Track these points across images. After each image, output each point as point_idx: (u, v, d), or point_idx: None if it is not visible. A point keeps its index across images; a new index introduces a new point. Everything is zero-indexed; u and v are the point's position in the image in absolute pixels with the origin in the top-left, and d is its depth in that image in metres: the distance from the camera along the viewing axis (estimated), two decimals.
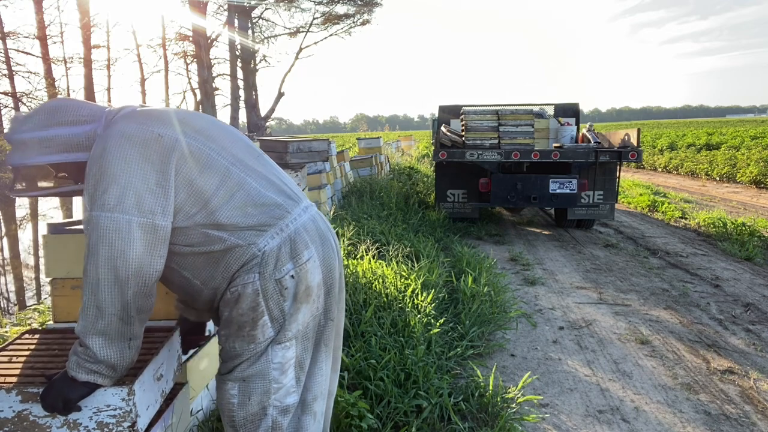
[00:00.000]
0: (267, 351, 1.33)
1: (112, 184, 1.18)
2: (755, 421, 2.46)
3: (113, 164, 1.19)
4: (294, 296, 1.32)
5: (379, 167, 10.41)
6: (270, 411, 1.35)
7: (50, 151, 1.29)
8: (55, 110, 1.31)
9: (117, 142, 1.22)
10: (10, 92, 16.05)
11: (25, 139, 1.28)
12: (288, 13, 21.94)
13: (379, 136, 13.93)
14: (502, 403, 2.48)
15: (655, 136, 28.61)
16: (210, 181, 1.27)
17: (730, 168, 12.89)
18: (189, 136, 1.29)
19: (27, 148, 1.28)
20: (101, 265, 1.16)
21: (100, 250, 1.16)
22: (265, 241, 1.30)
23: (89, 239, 1.18)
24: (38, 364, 1.48)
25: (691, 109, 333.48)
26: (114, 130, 1.25)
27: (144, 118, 1.29)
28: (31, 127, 1.28)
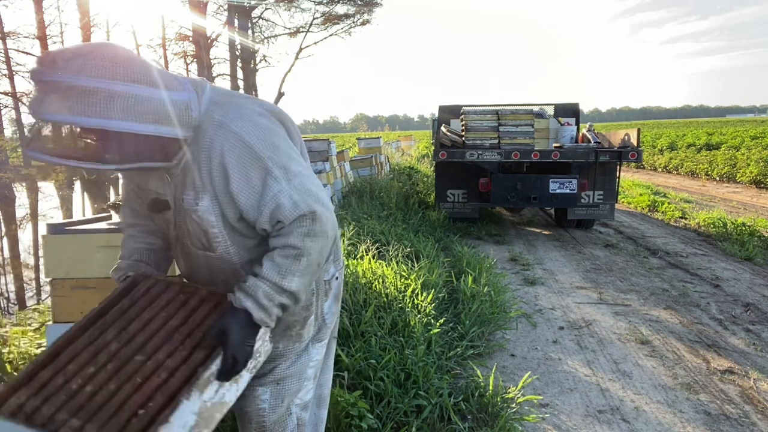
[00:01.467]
0: (308, 349, 1.38)
1: (291, 152, 1.20)
2: (755, 421, 2.46)
3: (278, 137, 1.19)
4: (335, 296, 1.42)
5: (379, 167, 10.40)
6: (294, 410, 1.39)
7: (137, 117, 1.01)
8: (123, 61, 1.01)
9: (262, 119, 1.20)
10: (10, 92, 16.05)
11: (93, 87, 0.97)
12: (288, 13, 21.94)
13: (379, 136, 13.93)
14: (502, 403, 2.48)
15: (655, 136, 28.61)
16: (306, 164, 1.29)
17: (730, 168, 12.88)
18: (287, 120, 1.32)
19: (98, 103, 0.97)
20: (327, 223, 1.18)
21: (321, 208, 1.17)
22: None
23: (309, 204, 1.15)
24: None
25: (691, 109, 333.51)
26: (246, 110, 1.18)
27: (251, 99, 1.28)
28: (98, 75, 0.97)
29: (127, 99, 1.00)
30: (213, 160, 1.13)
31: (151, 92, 1.03)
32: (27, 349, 2.48)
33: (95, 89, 0.97)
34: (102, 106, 0.97)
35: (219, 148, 1.12)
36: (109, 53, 1.00)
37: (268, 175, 1.14)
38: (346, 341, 2.77)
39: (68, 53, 0.98)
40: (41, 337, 2.64)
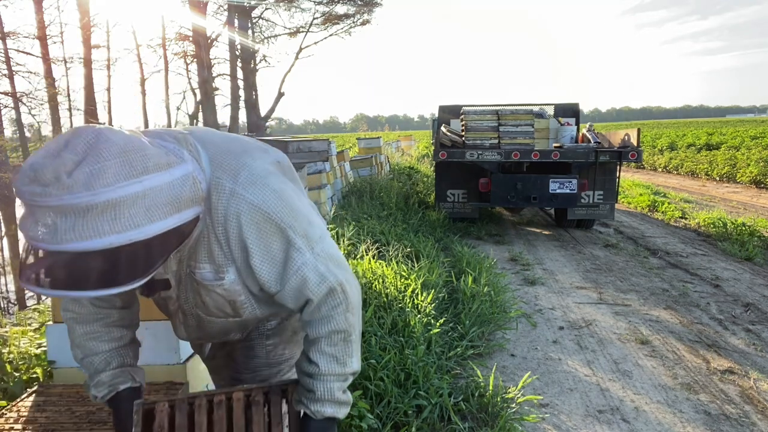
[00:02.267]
0: None
1: (309, 215, 1.12)
2: (755, 421, 2.46)
3: (293, 199, 1.09)
4: None
5: (379, 167, 10.41)
6: None
7: (156, 214, 0.88)
8: (125, 152, 0.86)
9: (274, 180, 1.08)
10: (10, 92, 16.05)
11: (115, 199, 0.83)
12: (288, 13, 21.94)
13: (379, 136, 13.93)
14: (502, 403, 2.48)
15: (655, 136, 28.62)
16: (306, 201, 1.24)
17: (730, 168, 12.89)
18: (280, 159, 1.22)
19: (120, 215, 0.84)
20: (353, 288, 1.14)
21: (347, 274, 1.14)
22: None
23: (336, 275, 1.10)
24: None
25: (691, 109, 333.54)
26: (255, 171, 1.06)
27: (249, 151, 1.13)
28: (114, 181, 0.83)
29: (145, 197, 0.87)
30: (231, 234, 1.04)
31: (160, 178, 0.90)
32: (27, 349, 2.48)
33: (118, 200, 0.83)
34: (127, 217, 0.84)
35: (235, 220, 1.03)
36: (109, 147, 0.85)
37: (290, 246, 1.06)
38: None
39: (67, 162, 0.81)
40: (41, 337, 2.64)
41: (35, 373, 2.27)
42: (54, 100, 16.99)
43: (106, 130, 0.89)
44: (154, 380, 1.85)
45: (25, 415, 1.58)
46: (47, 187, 0.80)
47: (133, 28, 32.06)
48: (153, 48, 23.48)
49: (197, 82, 17.78)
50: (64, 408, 1.62)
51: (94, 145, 0.84)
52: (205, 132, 1.14)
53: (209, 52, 16.43)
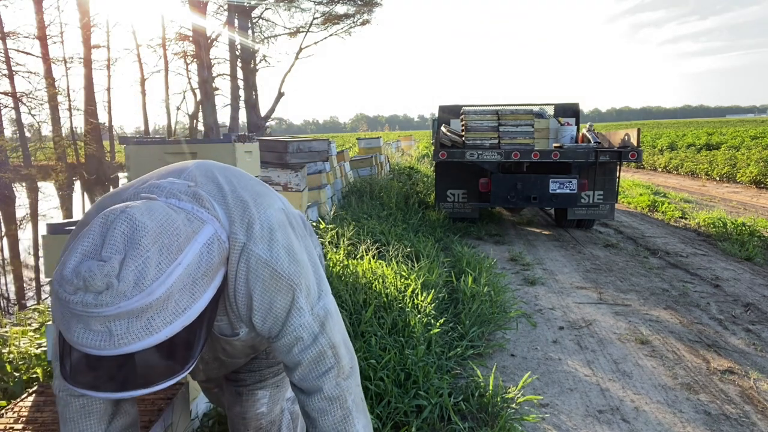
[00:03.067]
0: None
1: (312, 270, 1.10)
2: (755, 421, 2.46)
3: (300, 252, 1.08)
4: None
5: (379, 167, 10.41)
6: (285, 405, 1.42)
7: (198, 292, 0.88)
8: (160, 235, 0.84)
9: (281, 233, 1.06)
10: (10, 92, 16.05)
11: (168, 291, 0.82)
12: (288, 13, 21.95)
13: (379, 136, 13.93)
14: (502, 403, 2.48)
15: (655, 136, 28.61)
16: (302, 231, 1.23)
17: (730, 168, 12.89)
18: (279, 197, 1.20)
19: (171, 303, 0.83)
20: (343, 350, 1.12)
21: (342, 337, 1.12)
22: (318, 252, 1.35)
23: (330, 337, 1.08)
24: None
25: (691, 109, 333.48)
26: (264, 223, 1.04)
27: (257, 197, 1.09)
28: (162, 268, 0.82)
29: (186, 278, 0.85)
30: (238, 289, 1.02)
31: (192, 250, 0.89)
32: (27, 349, 2.47)
33: (169, 292, 0.82)
34: (174, 304, 0.83)
35: (244, 276, 1.01)
36: (146, 235, 0.82)
37: (293, 305, 1.05)
38: None
39: (114, 263, 0.79)
40: (41, 337, 2.64)
41: (35, 373, 2.27)
42: (54, 100, 16.99)
43: (136, 214, 0.85)
44: None
45: (25, 415, 1.58)
46: (100, 294, 0.77)
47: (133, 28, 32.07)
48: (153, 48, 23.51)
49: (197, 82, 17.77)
50: None
51: (132, 236, 0.81)
52: (209, 176, 1.09)
53: (209, 52, 16.43)
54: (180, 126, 25.83)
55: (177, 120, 25.10)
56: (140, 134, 25.79)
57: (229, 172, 1.15)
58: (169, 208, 0.91)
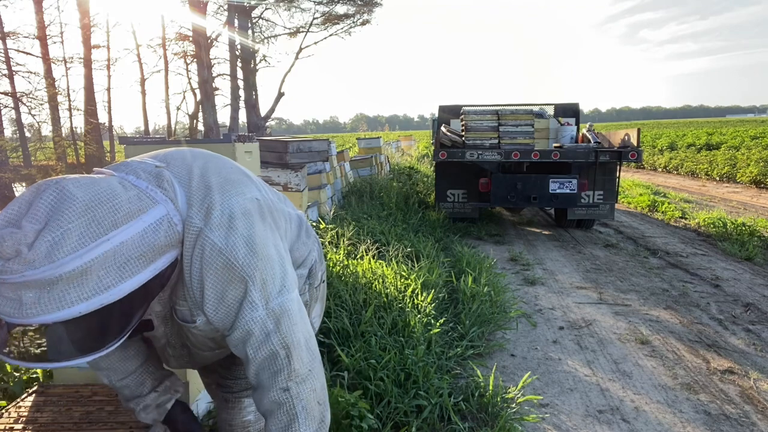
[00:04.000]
0: None
1: (274, 265, 1.03)
2: (755, 421, 2.46)
3: (262, 245, 1.02)
4: (321, 299, 1.36)
5: (379, 167, 10.41)
6: None
7: (129, 270, 0.85)
8: (89, 208, 0.82)
9: (243, 222, 1.01)
10: (10, 92, 16.05)
11: (84, 265, 0.79)
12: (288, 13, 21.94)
13: (379, 136, 13.93)
14: (502, 403, 2.48)
15: (655, 136, 28.61)
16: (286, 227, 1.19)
17: (730, 168, 12.89)
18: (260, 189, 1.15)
19: (91, 278, 0.80)
20: (304, 353, 1.05)
21: (300, 339, 1.04)
22: (312, 256, 1.29)
23: (281, 336, 1.02)
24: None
25: (691, 109, 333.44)
26: (225, 211, 1.00)
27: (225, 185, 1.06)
28: (79, 244, 0.79)
29: (116, 255, 0.82)
30: (193, 276, 0.98)
31: (133, 228, 0.86)
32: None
33: (85, 266, 0.79)
34: (95, 281, 0.80)
35: (198, 262, 0.97)
36: (72, 207, 0.80)
37: (245, 298, 1.00)
38: (346, 341, 2.77)
39: (28, 232, 0.77)
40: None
41: (35, 373, 2.27)
42: (54, 100, 16.99)
43: (70, 185, 0.82)
44: None
45: (25, 415, 1.58)
46: (8, 262, 0.75)
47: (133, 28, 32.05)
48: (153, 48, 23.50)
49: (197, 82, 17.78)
50: (64, 408, 1.62)
51: (56, 207, 0.79)
52: (185, 160, 1.07)
53: (209, 52, 16.44)
54: (180, 126, 25.84)
55: (177, 120, 25.10)
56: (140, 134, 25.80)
57: (212, 159, 1.12)
58: (120, 184, 0.89)
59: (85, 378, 1.88)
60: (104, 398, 1.69)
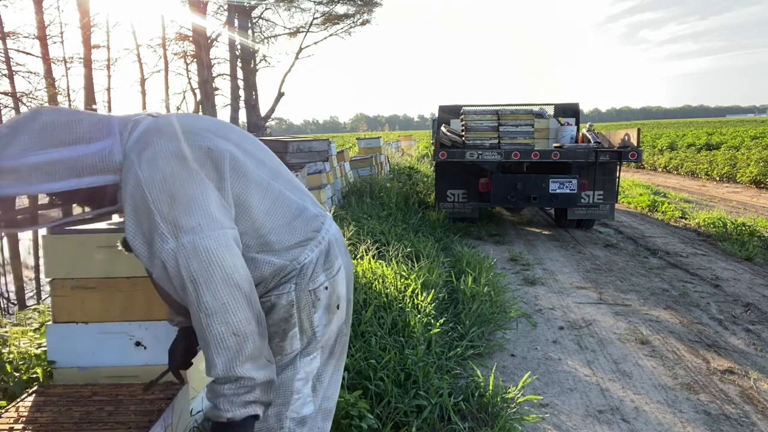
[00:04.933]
0: (294, 362, 1.29)
1: (192, 204, 1.08)
2: (755, 421, 2.46)
3: (184, 185, 1.09)
4: (326, 307, 1.30)
5: (379, 167, 10.41)
6: (286, 423, 1.31)
7: (55, 177, 1.08)
8: (45, 129, 1.08)
9: (172, 163, 1.10)
10: (10, 92, 16.05)
11: (16, 165, 1.05)
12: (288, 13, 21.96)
13: (379, 136, 13.94)
14: (502, 403, 2.48)
15: (655, 136, 28.62)
16: (257, 198, 1.19)
17: (730, 168, 12.89)
18: (233, 148, 1.20)
19: (21, 176, 1.06)
20: (220, 287, 1.09)
21: (214, 274, 1.08)
22: (306, 254, 1.27)
23: (190, 270, 1.07)
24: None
25: (691, 109, 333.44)
26: (158, 151, 1.11)
27: (184, 133, 1.16)
28: (20, 152, 1.05)
29: (45, 165, 1.07)
30: (126, 204, 1.11)
31: (67, 151, 1.10)
32: (27, 349, 2.47)
33: (16, 166, 1.06)
34: (25, 177, 1.07)
35: (127, 190, 1.10)
36: (32, 124, 1.09)
37: (155, 231, 1.07)
38: None
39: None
40: (41, 337, 2.64)
41: (35, 373, 2.27)
42: (54, 100, 16.99)
43: (47, 110, 1.12)
44: None
45: (25, 415, 1.58)
46: None
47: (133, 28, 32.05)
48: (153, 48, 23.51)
49: (197, 82, 17.78)
50: (64, 408, 1.62)
51: (21, 122, 1.09)
52: (179, 115, 1.24)
53: (209, 52, 16.44)
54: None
55: None
56: None
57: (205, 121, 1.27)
58: (99, 121, 1.15)
59: (85, 378, 1.88)
60: (104, 398, 1.69)
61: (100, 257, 1.86)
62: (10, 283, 6.59)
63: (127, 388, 1.74)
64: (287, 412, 1.30)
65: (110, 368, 1.88)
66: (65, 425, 1.53)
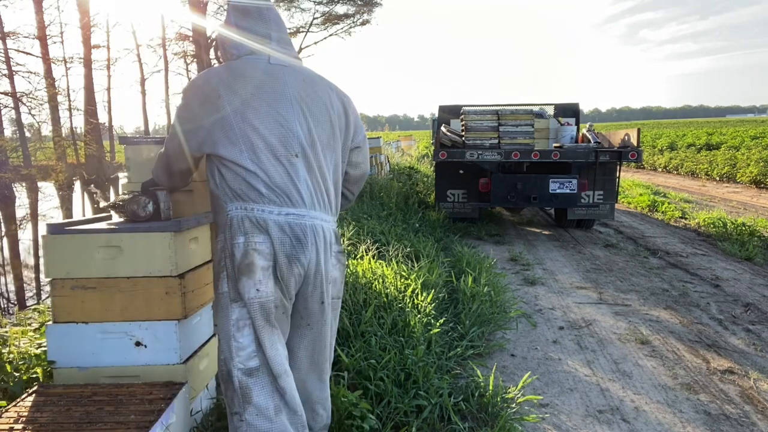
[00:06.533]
0: (227, 306, 1.54)
1: (184, 104, 1.63)
2: (755, 421, 2.46)
3: (188, 91, 1.66)
4: (238, 266, 1.51)
5: (379, 167, 10.39)
6: (235, 373, 1.51)
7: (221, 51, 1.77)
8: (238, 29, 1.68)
9: (197, 80, 1.66)
10: (10, 92, 16.04)
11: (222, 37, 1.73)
12: (288, 13, 21.99)
13: (379, 136, 13.93)
14: (502, 403, 2.48)
15: (655, 136, 28.62)
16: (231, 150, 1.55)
17: (730, 168, 12.89)
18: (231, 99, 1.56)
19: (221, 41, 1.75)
20: (169, 144, 1.71)
21: (171, 138, 1.68)
22: (231, 208, 1.56)
23: (172, 127, 1.66)
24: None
25: (691, 109, 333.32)
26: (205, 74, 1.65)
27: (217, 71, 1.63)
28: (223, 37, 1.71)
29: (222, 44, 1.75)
30: None
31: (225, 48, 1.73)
32: (27, 349, 2.47)
33: None
34: None
35: None
36: None
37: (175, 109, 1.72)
38: (346, 341, 2.77)
39: None
40: (41, 337, 2.64)
41: (35, 373, 2.27)
42: (54, 100, 16.98)
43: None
44: (154, 380, 1.85)
45: (25, 415, 1.58)
46: None
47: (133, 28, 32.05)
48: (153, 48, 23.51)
49: None
50: (63, 408, 1.62)
51: None
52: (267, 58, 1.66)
53: (209, 52, 16.43)
54: None
55: None
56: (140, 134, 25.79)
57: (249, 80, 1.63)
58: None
59: (85, 378, 1.88)
60: (104, 398, 1.69)
61: (100, 257, 1.86)
62: (10, 283, 6.58)
63: (127, 388, 1.74)
64: (233, 362, 1.51)
65: (110, 368, 1.88)
66: (65, 425, 1.53)
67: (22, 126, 18.62)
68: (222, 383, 1.56)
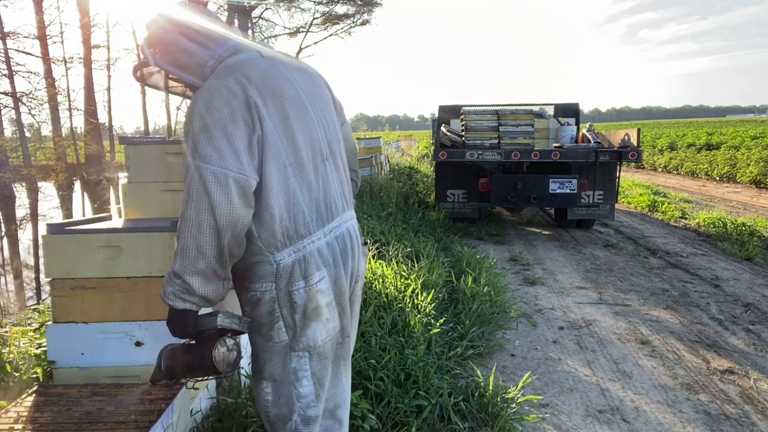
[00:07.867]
0: (286, 355, 1.38)
1: (214, 137, 1.23)
2: (755, 421, 2.46)
3: (215, 119, 1.24)
4: (303, 312, 1.35)
5: (379, 167, 10.40)
6: (294, 417, 1.41)
7: (169, 60, 1.37)
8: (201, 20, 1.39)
9: (219, 96, 1.26)
10: (10, 92, 16.03)
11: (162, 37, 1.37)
12: (288, 13, 21.96)
13: (379, 136, 13.93)
14: (502, 403, 2.48)
15: (655, 136, 28.63)
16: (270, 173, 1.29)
17: (730, 168, 12.89)
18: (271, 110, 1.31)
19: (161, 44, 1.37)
20: (203, 211, 1.22)
21: (202, 198, 1.22)
22: (282, 257, 1.33)
23: (190, 185, 1.23)
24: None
25: (691, 109, 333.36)
26: (220, 83, 1.28)
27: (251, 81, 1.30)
28: (175, 29, 1.36)
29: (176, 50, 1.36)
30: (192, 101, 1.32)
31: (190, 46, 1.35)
32: (27, 349, 2.47)
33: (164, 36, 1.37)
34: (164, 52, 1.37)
35: (195, 96, 1.30)
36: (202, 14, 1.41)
37: (186, 137, 1.27)
38: None
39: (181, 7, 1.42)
40: (41, 338, 2.64)
41: (35, 373, 2.27)
42: (54, 100, 16.98)
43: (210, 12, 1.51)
44: None
45: (25, 415, 1.58)
46: None
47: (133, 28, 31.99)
48: None
49: None
50: (64, 408, 1.62)
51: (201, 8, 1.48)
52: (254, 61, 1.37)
53: None
54: (180, 126, 25.83)
55: (177, 120, 25.10)
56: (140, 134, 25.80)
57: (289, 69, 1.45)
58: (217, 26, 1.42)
59: (85, 378, 1.88)
60: (104, 398, 1.69)
61: (100, 257, 1.86)
62: (10, 283, 6.58)
63: (127, 388, 1.74)
64: (295, 406, 1.40)
65: (110, 368, 1.88)
66: (65, 425, 1.53)
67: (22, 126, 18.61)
68: (268, 425, 1.44)
